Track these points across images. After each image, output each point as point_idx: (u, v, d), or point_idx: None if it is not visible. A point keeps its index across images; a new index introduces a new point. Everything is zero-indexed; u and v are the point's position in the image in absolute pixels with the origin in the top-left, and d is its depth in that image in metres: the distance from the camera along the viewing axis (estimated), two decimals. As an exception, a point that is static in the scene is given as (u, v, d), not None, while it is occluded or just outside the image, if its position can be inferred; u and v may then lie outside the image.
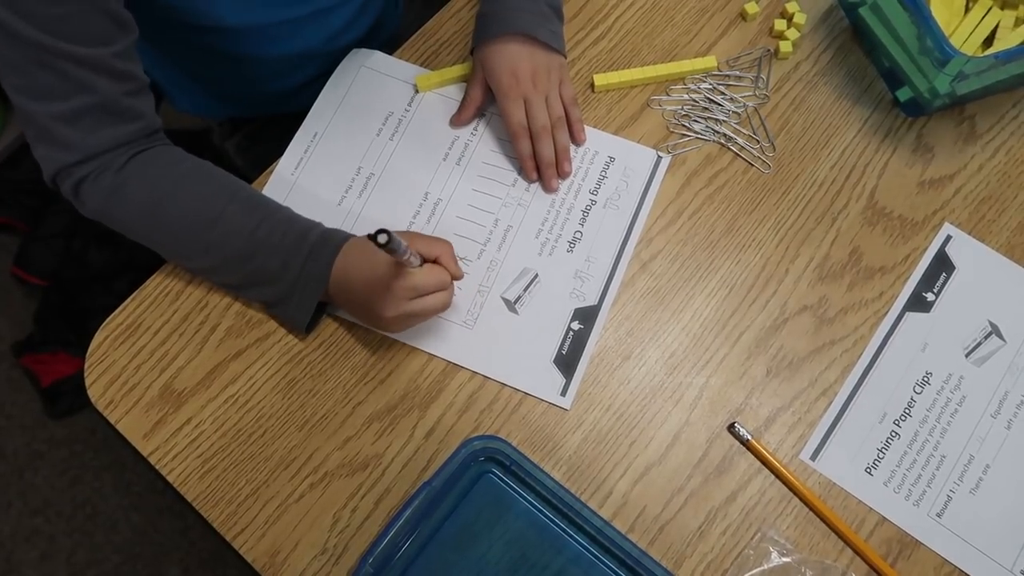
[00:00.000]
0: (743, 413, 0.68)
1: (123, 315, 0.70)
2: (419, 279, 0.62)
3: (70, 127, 0.61)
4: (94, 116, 0.62)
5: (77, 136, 0.62)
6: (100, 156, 0.64)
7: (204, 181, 0.67)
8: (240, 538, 0.64)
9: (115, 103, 0.62)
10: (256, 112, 0.94)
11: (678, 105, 0.78)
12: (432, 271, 0.63)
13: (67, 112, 0.61)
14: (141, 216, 0.66)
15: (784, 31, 0.80)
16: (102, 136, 0.63)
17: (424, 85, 0.78)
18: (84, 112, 0.61)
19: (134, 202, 0.65)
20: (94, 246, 1.43)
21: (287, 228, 0.66)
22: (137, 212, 0.65)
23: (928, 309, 0.72)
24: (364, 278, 0.63)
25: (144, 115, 0.65)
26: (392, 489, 0.65)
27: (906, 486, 0.66)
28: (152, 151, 0.67)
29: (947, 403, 0.69)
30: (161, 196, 0.65)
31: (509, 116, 0.73)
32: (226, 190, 0.67)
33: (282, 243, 0.65)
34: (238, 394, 0.68)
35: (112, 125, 0.63)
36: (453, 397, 0.68)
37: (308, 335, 0.69)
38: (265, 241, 0.65)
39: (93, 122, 0.62)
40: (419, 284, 0.62)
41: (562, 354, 0.69)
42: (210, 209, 0.65)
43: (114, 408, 0.67)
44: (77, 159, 0.63)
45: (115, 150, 0.64)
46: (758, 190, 0.76)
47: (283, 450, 0.66)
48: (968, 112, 0.79)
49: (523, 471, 0.62)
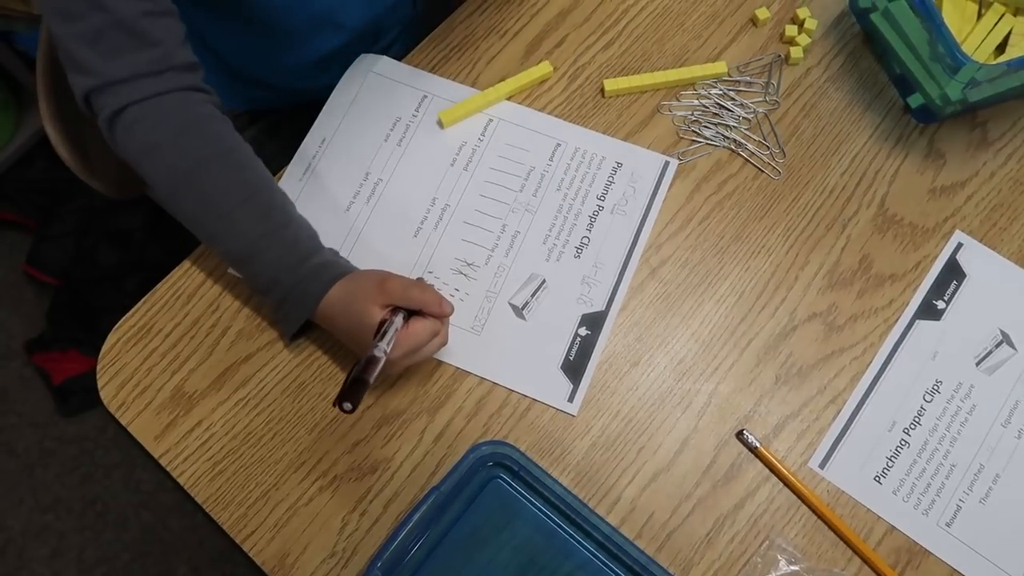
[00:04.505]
0: (752, 420, 0.68)
1: (135, 318, 0.70)
2: (408, 343, 0.61)
3: (89, 49, 0.61)
4: (111, 38, 0.61)
5: (96, 59, 0.62)
6: (120, 85, 0.63)
7: (229, 171, 0.66)
8: (250, 540, 0.64)
9: (132, 24, 0.61)
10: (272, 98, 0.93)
11: (688, 111, 0.78)
12: (418, 328, 0.62)
13: (85, 33, 0.61)
14: (163, 185, 0.65)
15: (795, 37, 0.80)
16: (121, 62, 0.62)
17: (448, 120, 0.77)
18: (101, 32, 0.61)
19: (159, 169, 0.64)
20: (105, 245, 1.44)
21: (289, 249, 0.65)
22: (160, 179, 0.65)
23: (938, 317, 0.71)
24: (348, 327, 0.64)
25: (163, 42, 0.63)
26: (401, 493, 0.65)
27: (915, 495, 0.66)
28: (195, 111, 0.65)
29: (957, 412, 0.68)
30: (185, 173, 0.64)
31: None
32: (246, 187, 0.66)
33: (280, 261, 0.65)
34: (248, 397, 0.68)
35: (131, 50, 0.62)
36: (462, 402, 0.68)
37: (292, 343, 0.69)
38: (264, 253, 0.65)
39: (111, 45, 0.61)
40: (409, 347, 0.61)
41: (569, 360, 0.69)
42: (224, 202, 0.65)
43: (126, 410, 0.68)
44: (97, 83, 0.62)
45: (135, 80, 0.63)
46: (768, 196, 0.75)
47: (293, 453, 0.66)
48: (980, 119, 0.79)
49: (531, 476, 0.63)
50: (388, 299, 0.62)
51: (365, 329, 0.61)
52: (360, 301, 0.63)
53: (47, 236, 1.45)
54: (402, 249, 0.73)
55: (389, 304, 0.62)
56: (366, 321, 0.62)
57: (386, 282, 0.63)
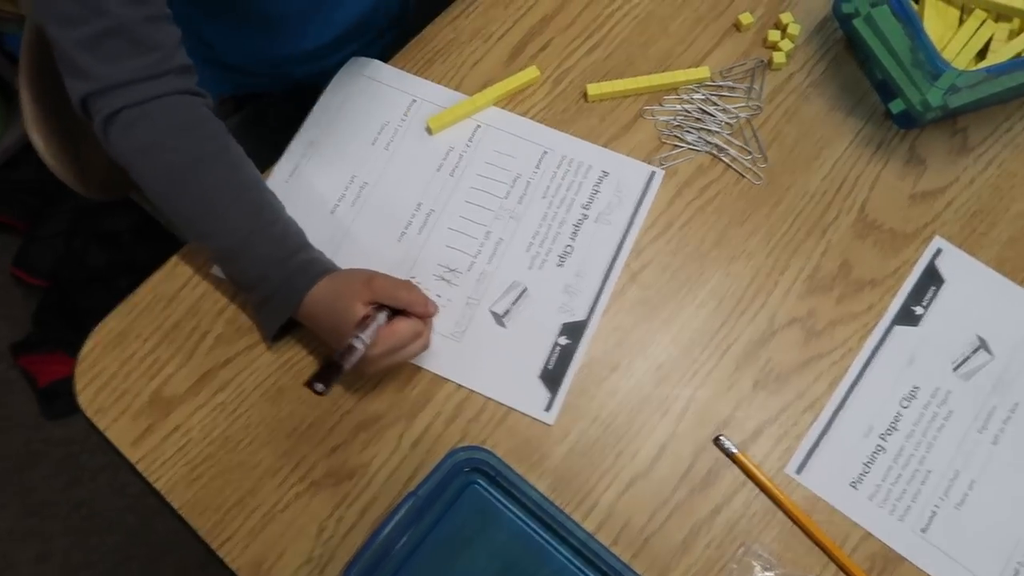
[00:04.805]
0: (730, 426, 0.68)
1: (114, 322, 0.70)
2: (390, 341, 0.62)
3: (89, 54, 0.62)
4: (111, 43, 0.62)
5: (95, 64, 0.62)
6: (119, 89, 0.63)
7: (223, 169, 0.66)
8: (226, 547, 0.64)
9: (132, 29, 0.62)
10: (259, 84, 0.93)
11: (671, 115, 0.78)
12: (402, 327, 0.62)
13: (85, 38, 0.61)
14: (159, 184, 0.66)
15: (778, 42, 0.80)
16: (121, 67, 0.63)
17: (437, 126, 0.77)
18: (102, 38, 0.62)
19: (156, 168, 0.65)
20: (95, 246, 1.44)
21: (277, 245, 0.66)
22: (156, 178, 0.66)
23: (916, 323, 0.71)
24: (332, 324, 0.64)
25: (162, 46, 0.64)
26: (378, 499, 0.65)
27: (891, 501, 0.66)
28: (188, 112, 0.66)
29: (934, 417, 0.68)
30: (181, 171, 0.65)
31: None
32: (239, 185, 0.67)
33: (269, 256, 0.65)
34: (227, 401, 0.68)
35: (130, 55, 0.63)
36: (440, 407, 0.68)
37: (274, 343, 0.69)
38: (254, 249, 0.65)
39: (111, 50, 0.62)
40: (390, 345, 0.62)
41: (548, 369, 0.69)
42: (218, 200, 0.65)
43: (103, 415, 0.67)
44: (96, 88, 0.63)
45: (134, 84, 0.63)
46: (749, 201, 0.76)
47: (270, 458, 0.66)
48: (961, 124, 0.79)
49: (508, 482, 0.62)
50: (374, 296, 0.62)
51: (349, 326, 0.61)
52: (346, 298, 0.63)
53: (36, 237, 1.45)
54: (386, 253, 0.73)
55: (375, 302, 0.62)
56: (349, 318, 0.61)
57: (373, 280, 0.63)
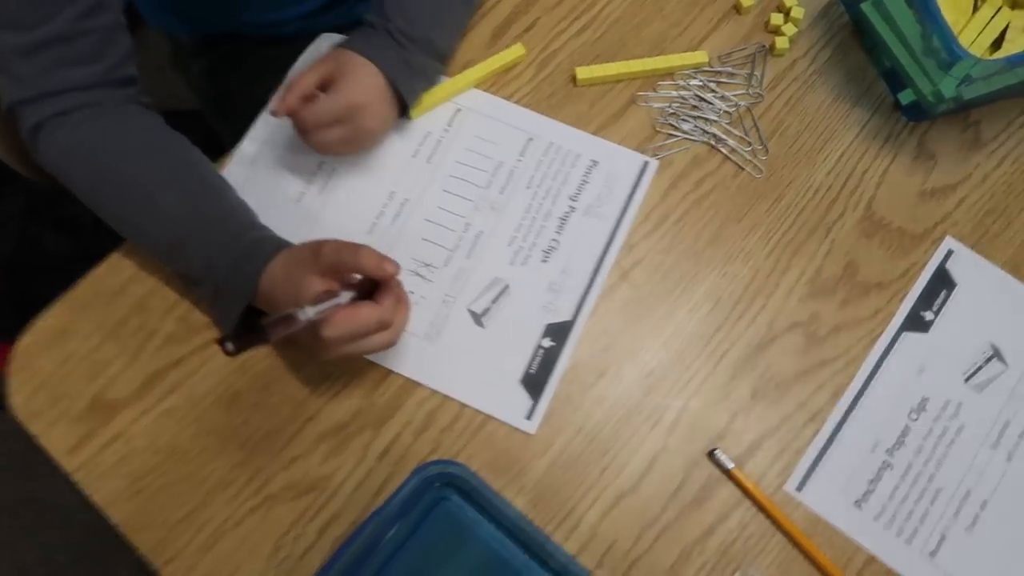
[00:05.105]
0: (725, 439, 0.63)
1: (51, 318, 0.64)
2: (348, 325, 0.54)
3: (26, 61, 0.60)
4: (53, 52, 0.60)
5: (32, 71, 0.60)
6: (52, 98, 0.61)
7: (151, 154, 0.63)
8: (171, 566, 0.58)
9: (77, 41, 0.60)
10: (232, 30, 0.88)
11: (666, 102, 0.73)
12: (364, 312, 0.55)
13: (26, 44, 0.59)
14: (83, 183, 0.63)
15: (780, 26, 0.76)
16: (58, 77, 0.61)
17: (415, 111, 0.71)
18: (44, 46, 0.60)
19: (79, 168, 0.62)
20: (52, 231, 1.37)
21: (220, 228, 0.60)
22: (81, 177, 0.63)
23: (926, 329, 0.67)
24: (287, 302, 0.57)
25: (106, 56, 0.62)
26: (341, 515, 0.60)
27: (898, 522, 0.62)
28: (118, 111, 0.64)
29: (944, 432, 0.64)
30: (106, 168, 0.62)
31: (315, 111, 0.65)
32: (170, 170, 0.62)
33: (212, 242, 0.60)
34: (176, 406, 0.62)
35: (68, 65, 0.61)
36: (411, 415, 0.63)
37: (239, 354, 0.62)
38: (194, 236, 0.60)
39: (50, 59, 0.60)
40: (348, 330, 0.54)
41: (530, 374, 0.64)
42: (146, 185, 0.61)
43: (37, 419, 0.62)
44: (29, 95, 0.61)
45: (68, 93, 0.61)
46: (748, 196, 0.71)
47: (222, 470, 0.61)
48: (973, 118, 0.75)
49: (483, 499, 0.57)
50: (321, 265, 0.56)
51: (303, 301, 0.55)
52: (297, 272, 0.57)
53: (-9, 221, 1.38)
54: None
55: (325, 271, 0.56)
56: (303, 293, 0.55)
57: (321, 247, 0.57)
